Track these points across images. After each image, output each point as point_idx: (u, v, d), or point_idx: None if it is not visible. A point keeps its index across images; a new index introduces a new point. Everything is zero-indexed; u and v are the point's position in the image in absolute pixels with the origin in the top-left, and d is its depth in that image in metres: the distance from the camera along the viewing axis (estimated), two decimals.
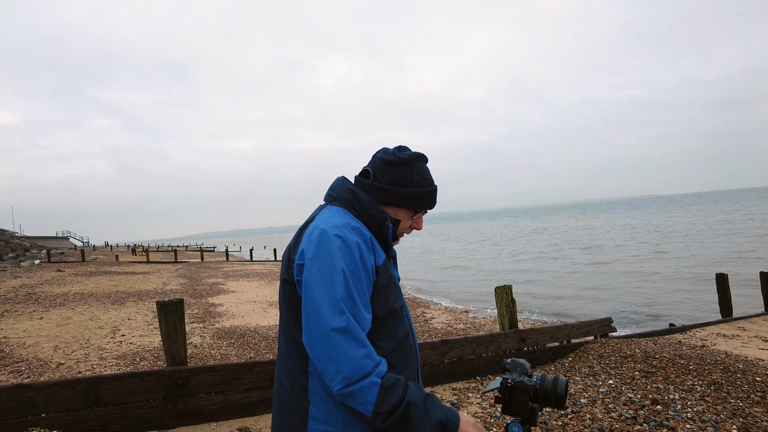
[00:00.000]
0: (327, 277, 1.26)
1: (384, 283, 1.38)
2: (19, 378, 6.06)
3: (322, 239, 1.31)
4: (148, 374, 3.88)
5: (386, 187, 1.46)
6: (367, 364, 1.22)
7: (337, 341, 1.22)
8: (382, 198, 1.46)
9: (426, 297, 16.36)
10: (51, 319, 10.28)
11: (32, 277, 19.89)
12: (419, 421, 1.23)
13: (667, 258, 22.58)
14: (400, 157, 1.47)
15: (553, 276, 20.11)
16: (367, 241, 1.37)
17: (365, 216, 1.43)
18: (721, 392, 4.22)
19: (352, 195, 1.45)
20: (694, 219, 54.04)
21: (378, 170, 1.48)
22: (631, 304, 13.31)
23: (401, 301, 1.47)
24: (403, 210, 1.49)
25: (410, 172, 1.47)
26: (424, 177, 1.50)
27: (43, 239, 58.21)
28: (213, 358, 6.94)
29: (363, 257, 1.31)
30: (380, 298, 1.36)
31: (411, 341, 1.47)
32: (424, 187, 1.49)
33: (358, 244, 1.32)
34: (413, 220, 1.54)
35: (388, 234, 1.45)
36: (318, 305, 1.25)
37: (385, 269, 1.40)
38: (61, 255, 37.58)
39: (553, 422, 3.79)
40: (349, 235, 1.32)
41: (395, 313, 1.40)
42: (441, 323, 10.43)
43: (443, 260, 31.53)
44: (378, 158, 1.50)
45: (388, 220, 1.44)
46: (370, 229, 1.43)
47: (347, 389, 1.21)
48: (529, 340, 5.61)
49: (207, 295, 14.55)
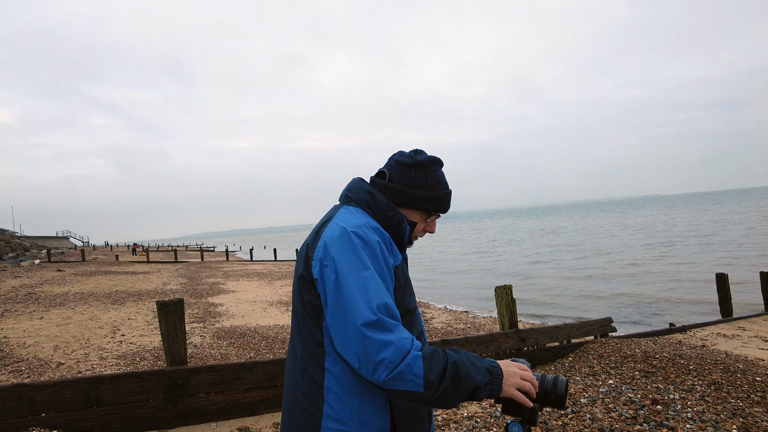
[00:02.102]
0: (354, 274, 1.27)
1: (401, 284, 1.41)
2: (19, 378, 6.07)
3: (345, 237, 1.32)
4: (148, 374, 3.88)
5: (402, 188, 1.48)
6: (405, 344, 1.23)
7: (371, 335, 1.22)
8: (398, 199, 1.48)
9: (426, 297, 16.36)
10: (51, 318, 10.28)
11: (32, 276, 19.89)
12: (470, 375, 1.26)
13: (667, 258, 22.58)
14: (417, 160, 1.49)
15: (553, 276, 20.11)
16: (387, 241, 1.39)
17: (382, 217, 1.45)
18: (721, 392, 4.22)
19: (370, 196, 1.47)
20: (695, 219, 54.03)
21: (394, 172, 1.50)
22: (631, 303, 13.32)
23: (415, 301, 1.49)
24: (417, 212, 1.51)
25: (426, 175, 1.49)
26: (439, 180, 1.52)
27: (43, 239, 58.23)
28: (213, 358, 6.94)
29: (385, 256, 1.34)
30: (397, 297, 1.39)
31: (423, 341, 1.49)
32: (439, 190, 1.50)
33: (379, 243, 1.34)
34: (426, 223, 1.55)
35: (404, 235, 1.47)
36: (348, 302, 1.25)
37: (402, 270, 1.44)
38: (61, 255, 37.59)
39: (553, 422, 3.79)
40: (370, 234, 1.34)
41: (410, 313, 1.44)
42: (441, 323, 10.43)
43: (443, 260, 31.54)
44: (394, 161, 1.52)
45: (405, 222, 1.46)
46: (387, 230, 1.45)
47: (394, 371, 1.20)
48: (529, 340, 5.61)
49: (207, 295, 14.55)
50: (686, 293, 14.18)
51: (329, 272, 1.30)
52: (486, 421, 3.92)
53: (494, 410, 4.14)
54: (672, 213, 75.76)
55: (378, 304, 1.25)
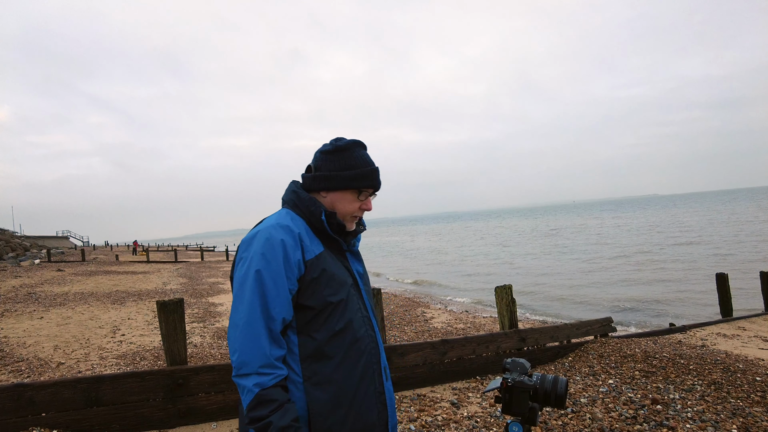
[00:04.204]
0: (241, 279, 1.42)
1: (315, 277, 1.47)
2: (20, 377, 6.07)
3: (247, 243, 1.47)
4: (148, 374, 3.88)
5: (328, 173, 1.56)
6: (256, 361, 1.35)
7: (238, 335, 1.37)
8: (327, 185, 1.57)
9: (426, 297, 16.36)
10: (51, 318, 10.28)
11: (32, 276, 19.89)
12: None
13: (667, 258, 22.57)
14: (338, 145, 1.58)
15: (553, 275, 20.11)
16: (295, 237, 1.47)
17: (307, 212, 1.54)
18: (721, 392, 4.22)
19: (294, 195, 1.58)
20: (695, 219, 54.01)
21: (319, 162, 1.59)
22: (631, 303, 13.32)
23: (342, 294, 1.52)
24: (348, 192, 1.57)
25: (349, 157, 1.57)
26: (363, 159, 1.59)
27: (43, 239, 58.20)
28: (213, 358, 6.95)
29: (287, 254, 1.43)
30: (310, 291, 1.46)
31: (356, 334, 1.51)
32: (364, 167, 1.58)
33: (282, 242, 1.43)
34: (361, 201, 1.60)
35: (325, 226, 1.53)
36: (233, 303, 1.42)
37: (318, 263, 1.49)
38: (61, 254, 37.58)
39: (553, 422, 3.79)
40: (275, 233, 1.44)
41: (331, 306, 1.48)
42: (441, 323, 10.43)
43: (443, 260, 31.53)
44: (318, 152, 1.61)
45: (322, 213, 1.53)
46: (314, 224, 1.53)
47: (235, 378, 1.37)
48: (529, 339, 5.61)
49: (207, 295, 14.55)
50: (686, 293, 14.18)
51: (236, 273, 1.47)
52: (486, 421, 3.92)
53: (494, 410, 4.14)
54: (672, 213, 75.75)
55: (258, 307, 1.38)
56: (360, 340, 1.51)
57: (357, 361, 1.49)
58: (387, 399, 1.56)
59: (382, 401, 1.54)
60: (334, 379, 1.44)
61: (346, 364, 1.47)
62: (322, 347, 1.45)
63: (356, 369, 1.48)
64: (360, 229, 1.67)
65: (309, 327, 1.46)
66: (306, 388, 1.43)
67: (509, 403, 1.42)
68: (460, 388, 4.86)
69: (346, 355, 1.47)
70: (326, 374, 1.44)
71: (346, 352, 1.47)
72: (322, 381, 1.44)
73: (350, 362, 1.47)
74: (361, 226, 1.68)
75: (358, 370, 1.48)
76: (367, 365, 1.51)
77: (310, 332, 1.45)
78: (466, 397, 4.58)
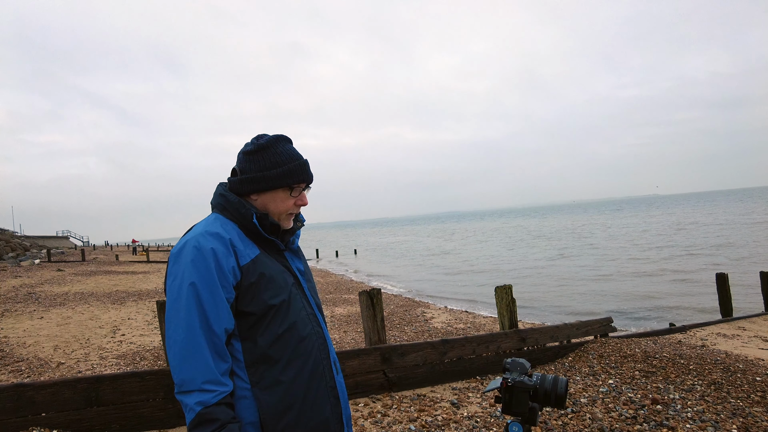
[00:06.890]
0: (175, 293, 1.37)
1: (252, 282, 1.42)
2: (20, 377, 6.07)
3: (176, 255, 1.40)
4: (148, 374, 3.88)
5: (254, 175, 1.49)
6: (199, 377, 1.32)
7: (178, 351, 1.34)
8: (255, 187, 1.49)
9: (426, 297, 16.37)
10: (51, 318, 10.29)
11: (32, 276, 19.89)
12: None
13: (667, 258, 22.58)
14: (260, 144, 1.51)
15: (553, 275, 20.11)
16: (226, 243, 1.40)
17: (238, 215, 1.47)
18: (721, 392, 4.22)
19: (223, 199, 1.50)
20: (695, 219, 54.01)
21: (243, 164, 1.51)
22: (631, 303, 13.32)
23: (284, 295, 1.47)
24: (279, 191, 1.51)
25: (273, 154, 1.50)
26: (289, 154, 1.52)
27: (43, 239, 58.21)
28: None
29: (219, 262, 1.37)
30: (250, 296, 1.41)
31: (301, 333, 1.48)
32: (291, 162, 1.51)
33: (213, 251, 1.37)
34: (295, 198, 1.54)
35: (257, 228, 1.47)
36: (168, 318, 1.38)
37: (254, 267, 1.43)
38: (62, 254, 37.59)
39: (553, 422, 3.79)
40: (204, 242, 1.38)
41: (273, 309, 1.43)
42: (441, 323, 10.43)
43: (444, 260, 31.53)
44: (240, 153, 1.54)
45: (253, 216, 1.46)
46: (246, 227, 1.47)
47: (177, 396, 1.36)
48: (529, 339, 5.61)
49: None
50: (686, 293, 14.19)
51: (168, 286, 1.42)
52: (486, 421, 3.92)
53: (494, 410, 4.14)
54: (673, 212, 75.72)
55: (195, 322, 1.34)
56: (306, 339, 1.48)
57: (306, 361, 1.47)
58: (339, 392, 1.54)
59: (335, 395, 1.53)
60: (283, 381, 1.42)
61: (294, 364, 1.44)
62: (267, 351, 1.42)
63: (305, 368, 1.46)
64: (297, 225, 1.62)
65: (252, 332, 1.42)
66: (255, 393, 1.40)
67: (509, 403, 1.42)
68: (460, 388, 4.86)
69: (292, 355, 1.44)
70: (274, 377, 1.42)
71: (293, 352, 1.45)
72: (270, 384, 1.41)
73: (298, 362, 1.45)
74: (298, 222, 1.62)
75: (307, 369, 1.46)
76: (316, 363, 1.49)
77: (253, 337, 1.42)
78: (466, 397, 4.58)
